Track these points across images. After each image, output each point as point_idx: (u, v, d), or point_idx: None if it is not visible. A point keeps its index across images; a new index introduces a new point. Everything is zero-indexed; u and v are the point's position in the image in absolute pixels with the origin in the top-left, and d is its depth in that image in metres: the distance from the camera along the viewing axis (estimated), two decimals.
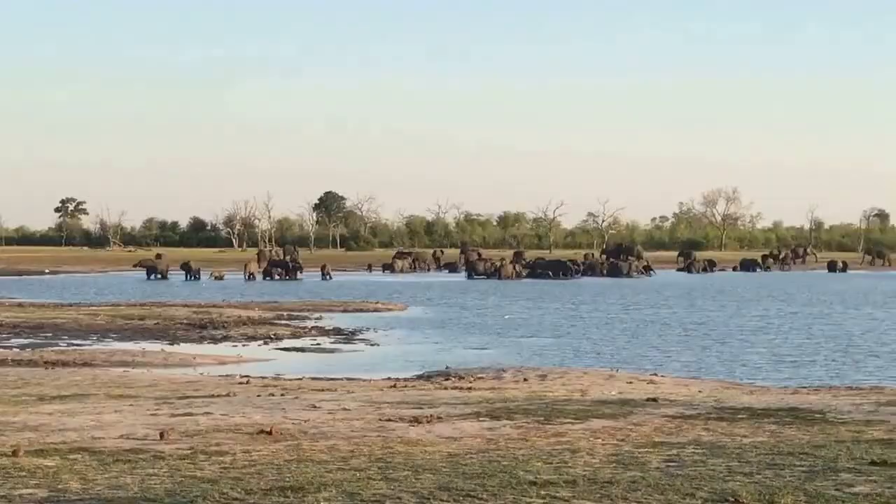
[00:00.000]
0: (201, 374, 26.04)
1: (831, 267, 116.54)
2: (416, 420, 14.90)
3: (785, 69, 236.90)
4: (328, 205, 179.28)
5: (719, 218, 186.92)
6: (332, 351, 34.26)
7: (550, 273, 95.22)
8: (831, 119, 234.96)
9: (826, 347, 35.46)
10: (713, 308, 54.95)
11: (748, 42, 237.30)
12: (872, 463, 11.38)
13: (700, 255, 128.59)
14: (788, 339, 38.22)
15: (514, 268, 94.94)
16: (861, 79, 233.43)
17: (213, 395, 19.14)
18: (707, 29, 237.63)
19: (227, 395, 19.30)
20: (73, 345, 34.08)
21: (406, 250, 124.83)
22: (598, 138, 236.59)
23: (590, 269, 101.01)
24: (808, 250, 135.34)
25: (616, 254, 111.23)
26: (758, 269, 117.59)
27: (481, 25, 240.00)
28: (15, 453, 12.08)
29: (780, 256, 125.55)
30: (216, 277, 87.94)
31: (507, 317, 48.83)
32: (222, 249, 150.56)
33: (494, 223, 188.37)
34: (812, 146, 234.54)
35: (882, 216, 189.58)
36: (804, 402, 17.70)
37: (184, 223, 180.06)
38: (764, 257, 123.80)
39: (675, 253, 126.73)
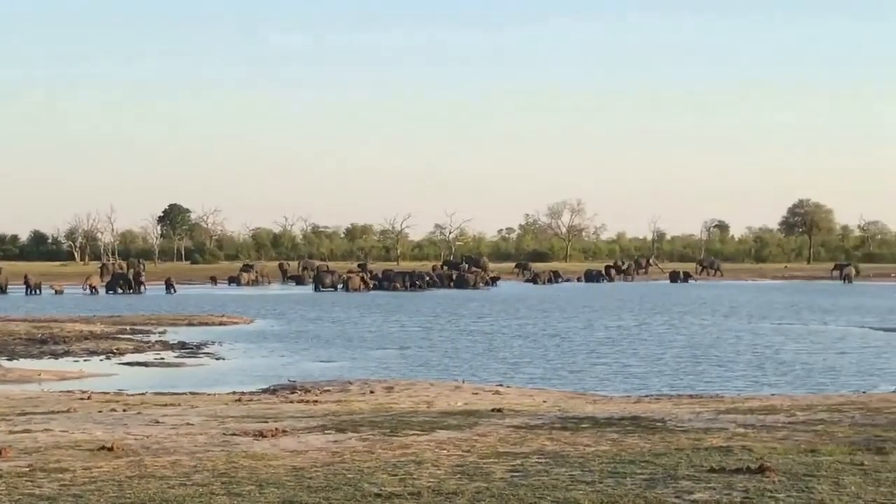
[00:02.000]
0: (41, 389, 25.57)
1: (673, 277, 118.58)
2: (260, 434, 14.79)
3: (627, 82, 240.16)
4: (173, 217, 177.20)
5: (564, 229, 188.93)
6: (176, 365, 33.85)
7: (398, 285, 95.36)
8: (672, 131, 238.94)
9: (670, 357, 36.00)
10: (560, 319, 55.46)
11: (585, 54, 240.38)
12: (711, 470, 11.58)
13: (545, 266, 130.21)
14: (634, 350, 38.72)
15: (362, 280, 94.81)
16: (702, 90, 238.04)
17: (53, 412, 18.77)
18: (547, 41, 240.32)
19: (68, 410, 18.95)
20: None
21: (251, 263, 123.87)
22: (444, 151, 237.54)
23: (438, 280, 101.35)
24: (652, 261, 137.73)
25: (457, 265, 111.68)
26: (602, 280, 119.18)
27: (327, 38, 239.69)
28: None
29: (624, 267, 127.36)
30: (57, 291, 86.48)
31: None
32: (64, 263, 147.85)
33: (342, 235, 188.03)
34: (654, 158, 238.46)
35: (722, 227, 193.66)
36: (646, 411, 17.97)
37: (24, 236, 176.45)
38: (607, 268, 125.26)
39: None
